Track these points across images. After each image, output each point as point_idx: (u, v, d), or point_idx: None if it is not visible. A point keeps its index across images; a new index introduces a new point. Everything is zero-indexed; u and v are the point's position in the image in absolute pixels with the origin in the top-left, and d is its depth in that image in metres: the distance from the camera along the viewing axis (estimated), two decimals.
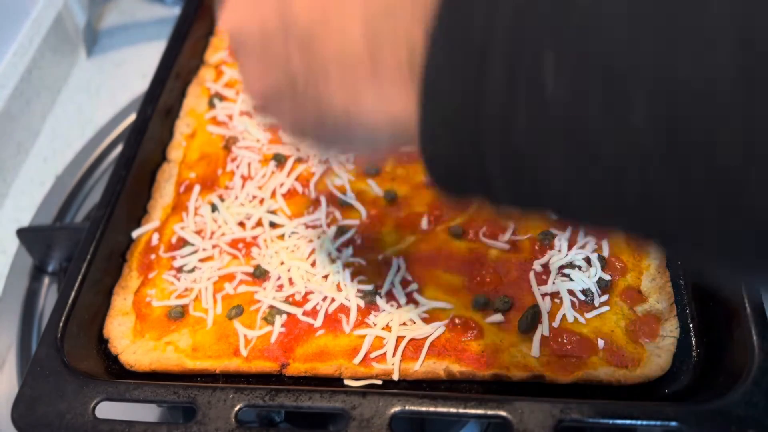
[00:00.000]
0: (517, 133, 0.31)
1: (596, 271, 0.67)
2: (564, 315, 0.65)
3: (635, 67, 0.28)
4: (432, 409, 0.57)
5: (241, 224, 0.77)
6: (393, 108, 0.39)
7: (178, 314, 0.71)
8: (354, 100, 0.40)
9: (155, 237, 0.78)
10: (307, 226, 0.76)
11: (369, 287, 0.69)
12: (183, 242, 0.77)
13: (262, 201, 0.79)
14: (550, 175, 0.32)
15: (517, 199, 0.35)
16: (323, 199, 0.78)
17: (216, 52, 0.98)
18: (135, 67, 1.19)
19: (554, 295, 0.67)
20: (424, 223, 0.74)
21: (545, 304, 0.66)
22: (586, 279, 0.67)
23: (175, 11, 1.00)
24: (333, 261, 0.72)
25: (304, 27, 0.41)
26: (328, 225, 0.76)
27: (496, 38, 0.31)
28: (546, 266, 0.69)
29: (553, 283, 0.67)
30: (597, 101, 0.29)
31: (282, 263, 0.73)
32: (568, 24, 0.29)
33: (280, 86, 0.44)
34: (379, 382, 0.63)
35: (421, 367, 0.63)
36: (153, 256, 0.76)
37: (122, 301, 0.73)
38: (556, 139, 0.31)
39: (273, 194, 0.80)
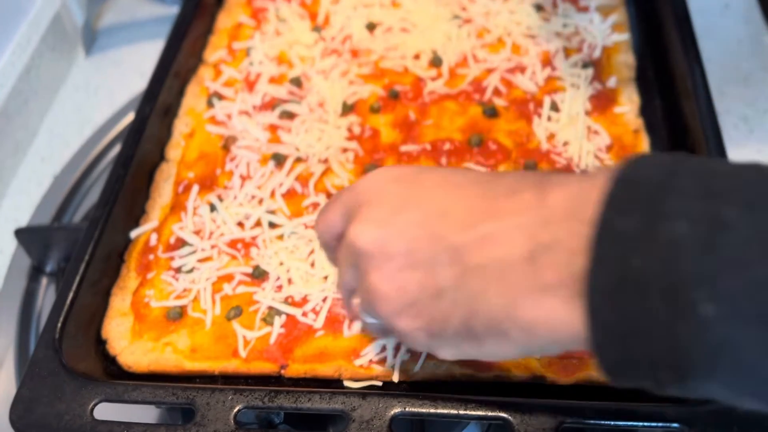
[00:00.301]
0: (682, 351, 0.35)
1: None
2: None
3: None
4: (432, 410, 0.57)
5: (240, 224, 0.77)
6: (556, 322, 0.40)
7: (177, 315, 0.70)
8: (513, 304, 0.41)
9: (153, 237, 0.77)
10: (307, 227, 0.76)
11: None
12: (181, 242, 0.76)
13: (261, 201, 0.79)
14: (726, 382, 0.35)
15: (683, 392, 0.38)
16: (323, 199, 0.78)
17: (215, 51, 0.97)
18: (133, 66, 1.18)
19: None
20: None
21: None
22: None
23: (174, 10, 1.00)
24: None
25: (458, 237, 0.44)
26: None
27: (654, 281, 0.35)
28: None
29: None
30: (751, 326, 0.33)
31: (281, 264, 0.72)
32: (723, 269, 0.33)
33: (427, 284, 0.45)
34: (379, 384, 0.63)
35: (421, 368, 0.63)
36: (151, 257, 0.76)
37: (120, 301, 0.72)
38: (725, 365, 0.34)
39: (272, 194, 0.79)
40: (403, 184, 0.49)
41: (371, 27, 0.96)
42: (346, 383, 0.63)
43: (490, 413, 0.56)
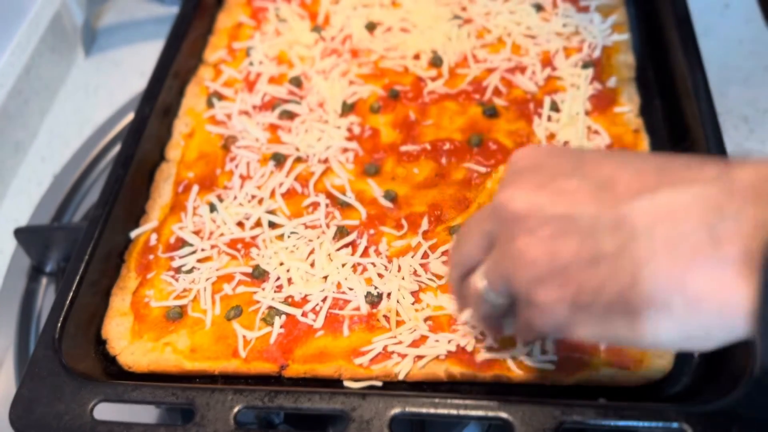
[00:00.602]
0: None
1: None
2: None
3: None
4: (432, 410, 0.57)
5: (240, 224, 0.77)
6: (727, 293, 0.38)
7: (177, 315, 0.70)
8: (683, 274, 0.39)
9: (153, 237, 0.77)
10: (307, 227, 0.76)
11: (369, 288, 0.69)
12: (181, 242, 0.76)
13: (261, 201, 0.79)
14: None
15: None
16: (323, 199, 0.78)
17: (215, 51, 0.97)
18: (133, 66, 1.19)
19: None
20: (424, 223, 0.74)
21: None
22: None
23: (174, 10, 1.00)
24: (332, 261, 0.72)
25: (627, 204, 0.42)
26: (328, 225, 0.75)
27: None
28: None
29: None
30: None
31: (281, 264, 0.72)
32: None
33: (583, 251, 0.43)
34: (379, 384, 0.63)
35: (421, 368, 0.63)
36: (151, 257, 0.76)
37: (120, 301, 0.72)
38: None
39: (272, 194, 0.79)
40: (563, 157, 0.47)
41: (371, 27, 0.96)
42: (346, 383, 0.63)
43: (490, 413, 0.56)
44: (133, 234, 0.78)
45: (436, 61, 0.90)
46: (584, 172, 0.45)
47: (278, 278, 0.71)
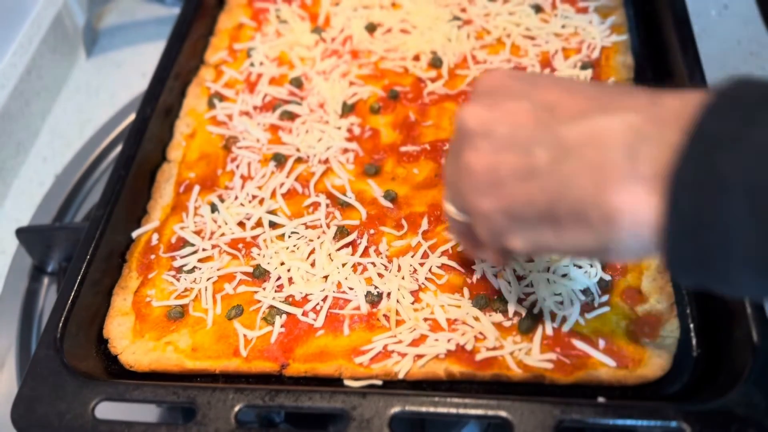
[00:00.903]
0: (755, 246, 0.37)
1: (597, 272, 0.67)
2: (564, 315, 0.65)
3: None
4: (432, 409, 0.57)
5: (241, 224, 0.77)
6: (639, 209, 0.42)
7: (178, 314, 0.71)
8: (603, 188, 0.43)
9: (155, 237, 0.78)
10: (307, 227, 0.76)
11: (369, 288, 0.69)
12: (183, 242, 0.77)
13: (261, 201, 0.79)
14: None
15: (757, 291, 0.42)
16: (323, 200, 0.78)
17: (216, 52, 0.98)
18: (134, 67, 1.19)
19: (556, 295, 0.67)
20: (424, 223, 0.74)
21: (546, 305, 0.66)
22: (586, 279, 0.67)
23: (175, 11, 1.00)
24: (333, 261, 0.72)
25: (564, 126, 0.46)
26: (328, 225, 0.76)
27: (734, 179, 0.37)
28: (547, 267, 0.69)
29: (554, 282, 0.67)
30: None
31: (282, 263, 0.73)
32: None
33: (520, 166, 0.47)
34: (379, 383, 0.63)
35: (421, 367, 0.63)
36: (152, 257, 0.76)
37: (122, 301, 0.73)
38: None
39: (273, 194, 0.80)
40: (518, 81, 0.52)
41: (371, 28, 0.96)
42: (347, 382, 0.64)
43: (489, 412, 0.56)
44: (134, 234, 0.78)
45: (435, 62, 0.91)
46: (533, 96, 0.49)
47: (279, 278, 0.72)
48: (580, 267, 0.68)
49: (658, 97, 0.44)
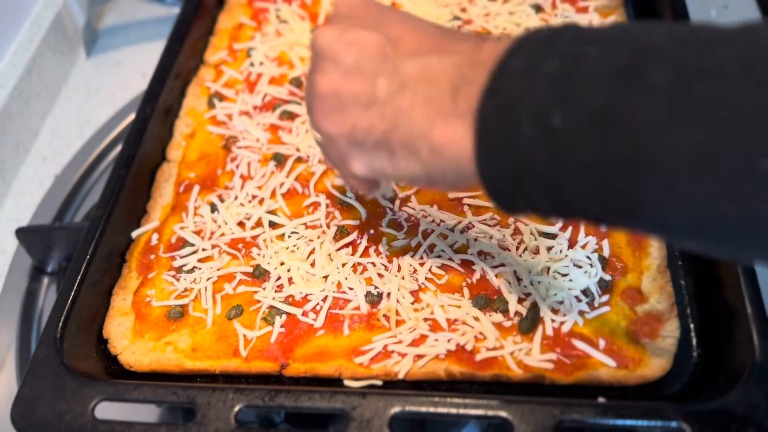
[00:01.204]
0: (542, 164, 0.42)
1: (597, 272, 0.67)
2: (564, 315, 0.65)
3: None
4: (432, 409, 0.57)
5: (241, 224, 0.77)
6: (458, 142, 0.46)
7: (178, 314, 0.71)
8: (431, 124, 0.48)
9: (155, 237, 0.78)
10: (307, 226, 0.76)
11: (369, 288, 0.69)
12: (182, 242, 0.77)
13: (261, 201, 0.79)
14: (574, 192, 0.42)
15: (556, 211, 0.45)
16: (323, 199, 0.78)
17: (216, 52, 0.98)
18: (134, 67, 1.19)
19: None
20: (424, 223, 0.74)
21: (546, 305, 0.66)
22: (586, 279, 0.67)
23: (175, 11, 1.00)
24: (333, 261, 0.72)
25: (404, 60, 0.50)
26: (328, 225, 0.76)
27: (523, 104, 0.42)
28: (547, 267, 0.69)
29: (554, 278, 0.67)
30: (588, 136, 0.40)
31: (282, 263, 0.73)
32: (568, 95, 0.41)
33: (361, 93, 0.51)
34: (379, 383, 0.63)
35: (421, 367, 0.63)
36: (152, 256, 0.76)
37: (121, 301, 0.73)
38: (569, 166, 0.41)
39: (273, 194, 0.80)
40: (372, 11, 0.55)
41: None
42: (347, 382, 0.63)
43: (489, 412, 0.56)
44: (134, 234, 0.78)
45: None
46: (383, 28, 0.53)
47: (279, 278, 0.72)
48: (580, 267, 0.68)
49: (482, 42, 0.48)
